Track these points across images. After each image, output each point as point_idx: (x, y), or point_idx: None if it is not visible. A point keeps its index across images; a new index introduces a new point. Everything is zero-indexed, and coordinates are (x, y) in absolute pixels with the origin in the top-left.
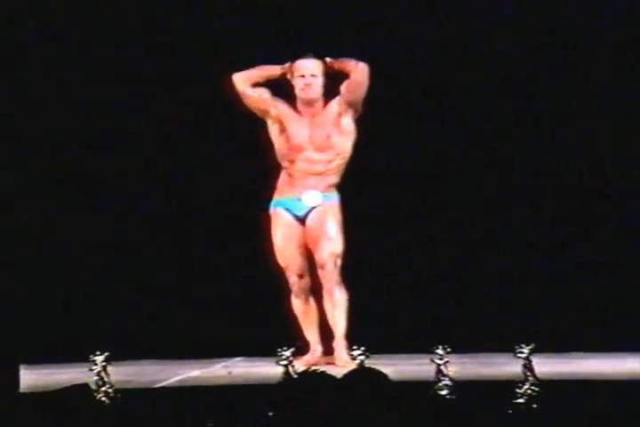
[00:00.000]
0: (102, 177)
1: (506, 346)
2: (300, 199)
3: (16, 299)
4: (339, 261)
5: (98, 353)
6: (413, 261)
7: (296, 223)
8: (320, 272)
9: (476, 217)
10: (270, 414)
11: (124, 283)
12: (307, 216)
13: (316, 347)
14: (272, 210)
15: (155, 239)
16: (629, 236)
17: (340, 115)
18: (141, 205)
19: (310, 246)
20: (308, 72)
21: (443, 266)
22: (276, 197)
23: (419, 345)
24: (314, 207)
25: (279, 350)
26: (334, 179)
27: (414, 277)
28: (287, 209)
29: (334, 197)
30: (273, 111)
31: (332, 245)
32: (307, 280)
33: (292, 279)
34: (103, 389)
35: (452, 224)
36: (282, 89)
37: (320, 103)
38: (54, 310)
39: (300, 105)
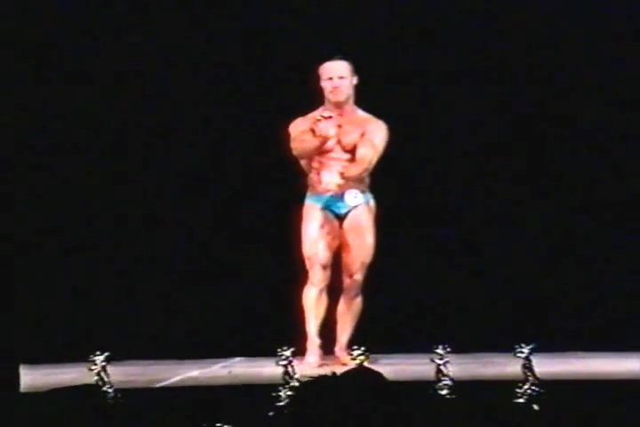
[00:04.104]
0: (108, 174)
1: (506, 346)
2: (341, 198)
3: (16, 299)
4: (365, 272)
5: (98, 353)
6: (412, 260)
7: (334, 219)
8: (347, 280)
9: (476, 215)
10: (270, 414)
11: (125, 282)
12: (346, 215)
13: (313, 339)
14: (309, 204)
15: (154, 240)
16: (629, 235)
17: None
18: (134, 207)
19: (343, 247)
20: (336, 74)
21: (442, 264)
22: (313, 193)
23: (419, 345)
24: (355, 206)
25: (279, 350)
26: (365, 179)
27: (413, 276)
28: (327, 206)
29: (371, 198)
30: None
31: (365, 255)
32: (328, 273)
33: (315, 268)
34: (103, 389)
35: (451, 223)
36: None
37: (349, 104)
38: (54, 309)
39: (328, 107)
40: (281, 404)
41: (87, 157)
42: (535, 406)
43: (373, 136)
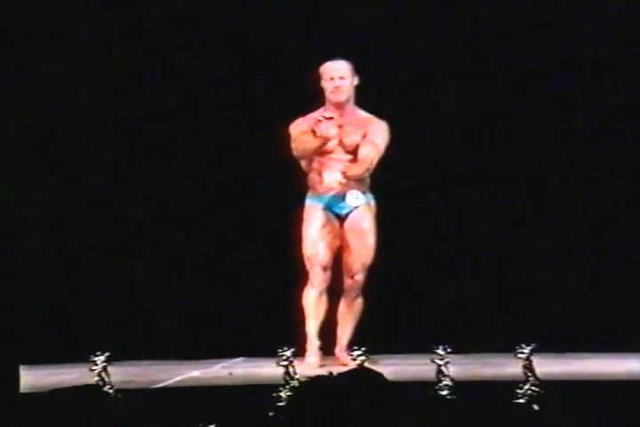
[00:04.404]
0: (107, 173)
1: (506, 346)
2: (342, 198)
3: (16, 299)
4: (366, 273)
5: (98, 353)
6: (412, 261)
7: (335, 220)
8: (348, 281)
9: (477, 215)
10: (270, 414)
11: (125, 282)
12: (347, 216)
13: (314, 340)
14: (310, 204)
15: (154, 240)
16: (630, 236)
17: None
18: (134, 208)
19: (344, 248)
20: (337, 74)
21: (442, 264)
22: (314, 194)
23: (419, 345)
24: (356, 207)
25: (279, 350)
26: (367, 179)
27: (414, 276)
28: (328, 206)
29: (372, 199)
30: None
31: (367, 256)
32: (328, 274)
33: (316, 270)
34: (104, 389)
35: (451, 223)
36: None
37: (349, 105)
38: (54, 309)
39: (329, 108)
40: (281, 404)
41: (86, 156)
42: (535, 407)
43: (375, 137)
